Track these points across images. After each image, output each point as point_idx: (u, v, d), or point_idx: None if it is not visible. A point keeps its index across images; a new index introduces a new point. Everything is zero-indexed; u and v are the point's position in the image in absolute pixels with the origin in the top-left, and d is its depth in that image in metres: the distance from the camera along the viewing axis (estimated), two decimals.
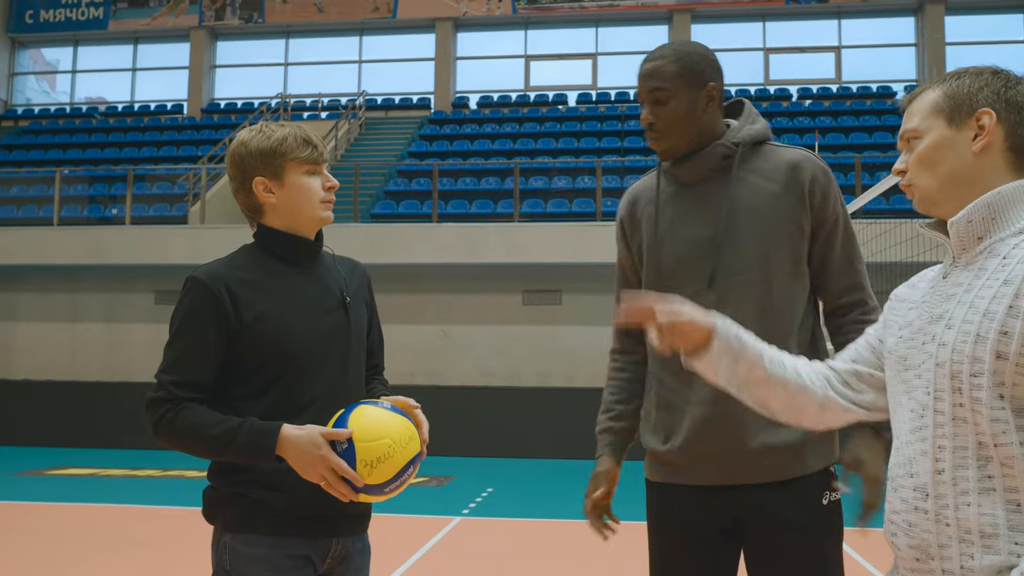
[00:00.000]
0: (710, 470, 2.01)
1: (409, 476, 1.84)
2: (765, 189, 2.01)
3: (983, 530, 1.29)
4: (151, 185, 15.34)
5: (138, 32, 19.89)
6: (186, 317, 1.88)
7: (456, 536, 6.60)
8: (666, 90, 2.00)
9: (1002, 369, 1.29)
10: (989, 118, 1.42)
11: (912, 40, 18.31)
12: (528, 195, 14.13)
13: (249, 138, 1.98)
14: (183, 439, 1.84)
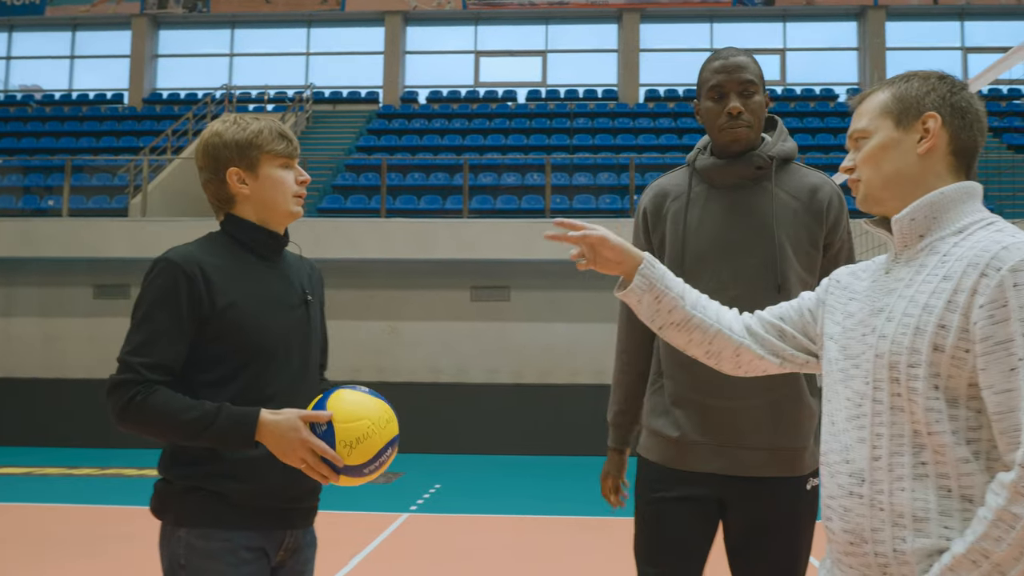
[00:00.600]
0: (712, 460, 2.11)
1: (388, 458, 1.85)
2: (789, 205, 2.14)
3: (916, 514, 1.35)
4: (90, 176, 14.95)
5: (77, 19, 19.35)
6: (159, 298, 1.85)
7: (404, 532, 6.55)
8: (755, 84, 2.13)
9: (939, 361, 1.36)
10: (935, 121, 1.48)
11: (854, 44, 18.71)
12: (477, 191, 14.10)
13: (224, 129, 1.98)
14: (153, 423, 1.80)
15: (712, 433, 2.11)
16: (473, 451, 11.55)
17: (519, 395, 11.83)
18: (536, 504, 7.75)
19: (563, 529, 6.65)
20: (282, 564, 1.97)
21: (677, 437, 2.14)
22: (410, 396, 11.94)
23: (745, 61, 2.14)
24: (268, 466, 1.86)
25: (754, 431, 2.09)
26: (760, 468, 2.09)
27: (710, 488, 2.12)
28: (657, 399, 2.22)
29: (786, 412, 2.09)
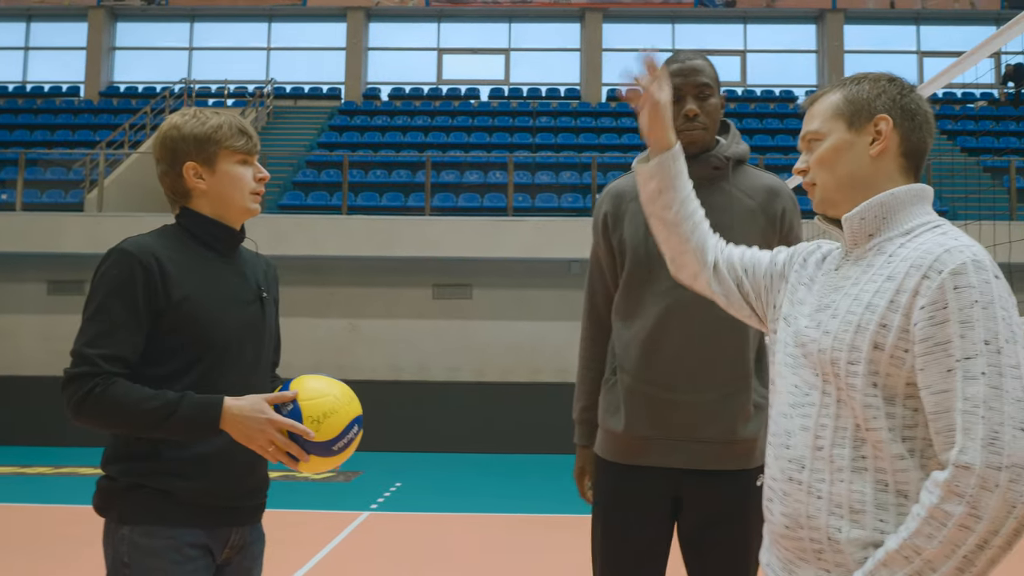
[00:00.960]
0: (667, 455, 2.14)
1: (355, 437, 1.86)
2: (745, 204, 2.19)
3: (852, 506, 1.39)
4: (44, 170, 14.67)
5: (31, 9, 18.96)
6: (115, 288, 1.82)
7: (364, 531, 6.53)
8: (710, 87, 2.18)
9: (878, 359, 1.39)
10: (886, 124, 1.50)
11: (813, 47, 18.97)
12: (439, 189, 14.07)
13: (182, 122, 1.95)
14: (113, 414, 1.77)
15: (666, 427, 2.14)
16: (434, 449, 11.53)
17: (481, 393, 11.84)
18: (498, 502, 7.76)
19: (525, 527, 6.67)
20: (228, 561, 1.96)
21: (629, 432, 2.17)
22: (371, 394, 11.77)
23: (701, 65, 2.18)
24: (212, 463, 1.85)
25: (707, 424, 2.12)
26: (714, 461, 2.13)
27: (665, 483, 2.15)
28: (611, 396, 2.25)
29: (738, 405, 2.13)
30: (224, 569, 1.95)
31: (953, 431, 1.31)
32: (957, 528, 1.27)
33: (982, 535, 1.26)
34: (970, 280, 1.34)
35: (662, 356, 2.14)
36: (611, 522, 2.21)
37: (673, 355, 2.13)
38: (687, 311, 2.13)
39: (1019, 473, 1.26)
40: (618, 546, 2.19)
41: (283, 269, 10.27)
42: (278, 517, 7.12)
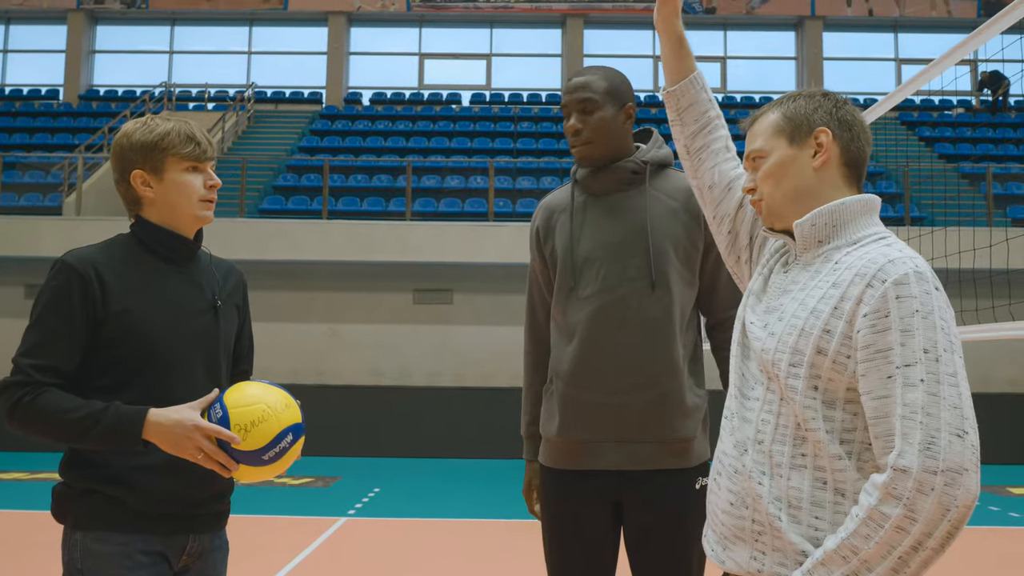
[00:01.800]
0: (604, 457, 2.17)
1: (289, 445, 1.82)
2: (666, 206, 2.23)
3: (791, 500, 1.44)
4: (22, 173, 14.57)
5: (9, 11, 18.83)
6: (52, 300, 1.82)
7: (341, 537, 6.52)
8: (594, 102, 2.22)
9: (820, 364, 1.43)
10: (826, 136, 1.55)
11: (792, 54, 19.12)
12: (420, 194, 14.08)
13: (133, 130, 1.94)
14: (41, 423, 1.77)
15: (600, 430, 2.17)
16: (414, 455, 11.52)
17: (461, 398, 11.84)
18: (478, 508, 7.77)
19: (505, 533, 6.68)
20: (186, 569, 1.94)
21: (564, 437, 2.20)
22: (351, 399, 11.88)
23: (586, 80, 2.24)
24: (164, 470, 1.84)
25: (640, 425, 2.15)
26: (650, 461, 2.15)
27: (605, 486, 2.18)
28: (548, 404, 2.28)
29: (672, 405, 2.16)
30: None
31: (892, 436, 1.36)
32: (894, 529, 1.31)
33: (917, 537, 1.30)
34: (911, 290, 1.39)
35: (592, 360, 2.17)
36: (555, 527, 2.24)
37: (603, 359, 2.16)
38: (614, 315, 2.17)
39: (953, 477, 1.31)
40: (564, 551, 2.22)
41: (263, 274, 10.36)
42: (254, 522, 7.12)
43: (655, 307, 2.16)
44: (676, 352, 2.17)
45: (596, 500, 2.19)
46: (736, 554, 1.51)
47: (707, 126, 1.91)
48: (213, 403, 1.81)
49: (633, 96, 2.29)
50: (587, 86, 2.22)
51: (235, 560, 2.12)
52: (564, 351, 2.21)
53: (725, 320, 2.27)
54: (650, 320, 2.15)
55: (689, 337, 2.24)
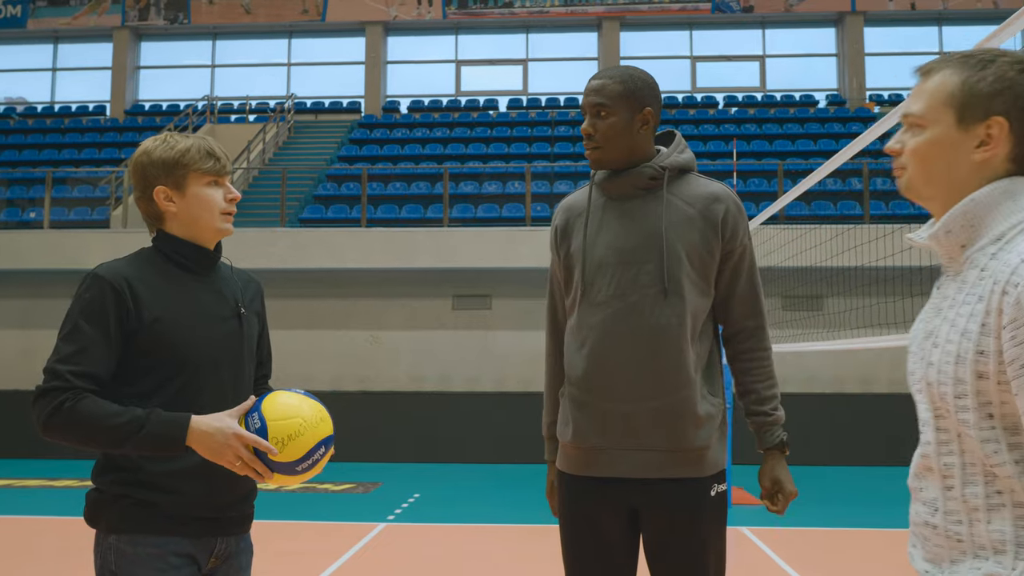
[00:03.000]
0: (615, 464, 2.17)
1: (321, 457, 1.89)
2: (684, 212, 2.19)
3: (995, 546, 1.24)
4: (71, 188, 14.95)
5: (58, 31, 19.35)
6: (87, 310, 1.89)
7: (380, 542, 6.58)
8: (607, 106, 2.19)
9: (985, 389, 1.24)
10: (1000, 129, 1.30)
11: (833, 50, 18.86)
12: (458, 200, 14.15)
13: (152, 147, 2.01)
14: (82, 429, 1.81)
15: (612, 437, 2.16)
16: (454, 460, 11.58)
17: (501, 403, 11.87)
18: (517, 513, 7.78)
19: (544, 537, 6.69)
20: (214, 571, 2.01)
21: (577, 443, 2.20)
22: (392, 405, 11.98)
23: (601, 84, 2.21)
24: (194, 475, 1.91)
25: (652, 433, 2.14)
26: (662, 469, 2.14)
27: (619, 493, 2.17)
28: (563, 409, 2.29)
29: (684, 413, 2.14)
30: None
31: None
32: None
33: None
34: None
35: (604, 366, 2.16)
36: (572, 534, 2.24)
37: (614, 365, 2.16)
38: (627, 321, 2.16)
39: None
40: (580, 556, 2.23)
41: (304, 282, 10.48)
42: (296, 528, 7.23)
43: (667, 314, 2.14)
44: (688, 361, 2.15)
45: (611, 506, 2.18)
46: None
47: None
48: (251, 412, 1.87)
49: (656, 99, 2.24)
50: (601, 90, 2.20)
51: (276, 564, 2.17)
52: (576, 356, 2.21)
53: (742, 331, 2.26)
54: (661, 327, 2.13)
55: (703, 346, 2.21)
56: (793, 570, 5.68)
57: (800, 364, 12.24)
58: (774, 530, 6.99)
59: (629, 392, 2.14)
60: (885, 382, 12.21)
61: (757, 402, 2.24)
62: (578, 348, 2.22)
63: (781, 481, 2.21)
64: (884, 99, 17.91)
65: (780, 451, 2.24)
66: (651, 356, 2.14)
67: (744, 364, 2.26)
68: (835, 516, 7.80)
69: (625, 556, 2.21)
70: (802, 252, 10.56)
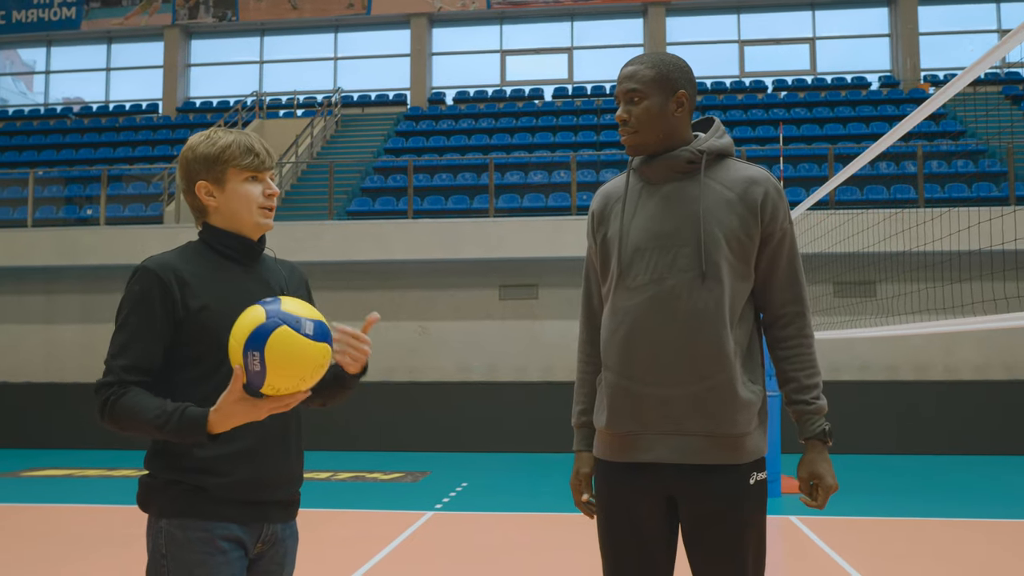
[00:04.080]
0: (652, 449, 2.15)
1: (261, 357, 1.79)
2: (723, 196, 2.17)
3: None
4: (126, 185, 15.29)
5: (111, 32, 19.78)
6: (135, 304, 1.96)
7: (428, 530, 6.63)
8: (640, 91, 2.20)
9: None
10: None
11: (886, 31, 18.44)
12: (504, 190, 14.16)
13: (196, 143, 2.06)
14: (126, 421, 1.91)
15: (648, 422, 2.14)
16: (502, 449, 11.63)
17: (548, 393, 11.87)
18: (564, 502, 7.78)
19: (591, 526, 6.69)
20: (260, 556, 2.06)
21: (612, 428, 2.19)
22: (440, 395, 12.06)
23: (633, 70, 2.21)
24: (239, 462, 1.96)
25: (689, 418, 2.11)
26: (699, 455, 2.11)
27: (656, 479, 2.15)
28: (599, 394, 2.27)
29: (722, 399, 2.11)
30: (256, 563, 2.06)
31: None
32: None
33: None
34: None
35: (639, 351, 2.14)
36: (608, 519, 2.22)
37: (651, 349, 2.13)
38: (665, 305, 2.13)
39: None
40: (617, 543, 2.20)
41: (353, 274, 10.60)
42: (345, 516, 7.32)
43: (705, 299, 2.12)
44: (726, 345, 2.11)
45: (648, 493, 2.16)
46: None
47: None
48: (249, 357, 1.80)
49: (690, 82, 2.22)
50: (633, 76, 2.20)
51: (327, 551, 2.19)
52: (612, 341, 2.20)
53: (782, 317, 2.22)
54: (699, 312, 2.11)
55: (743, 331, 2.18)
56: (843, 560, 5.60)
57: (852, 351, 12.02)
58: (824, 519, 6.89)
59: (667, 377, 2.12)
60: (940, 369, 11.94)
61: (798, 391, 2.20)
62: (614, 333, 2.20)
63: (821, 474, 2.16)
64: (940, 80, 17.45)
65: (822, 442, 2.18)
66: (689, 340, 2.12)
67: (785, 352, 2.22)
68: (888, 506, 7.66)
69: (662, 544, 2.18)
70: (853, 236, 10.36)
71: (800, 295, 2.23)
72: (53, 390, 12.69)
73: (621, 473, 2.20)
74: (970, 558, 5.64)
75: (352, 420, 11.73)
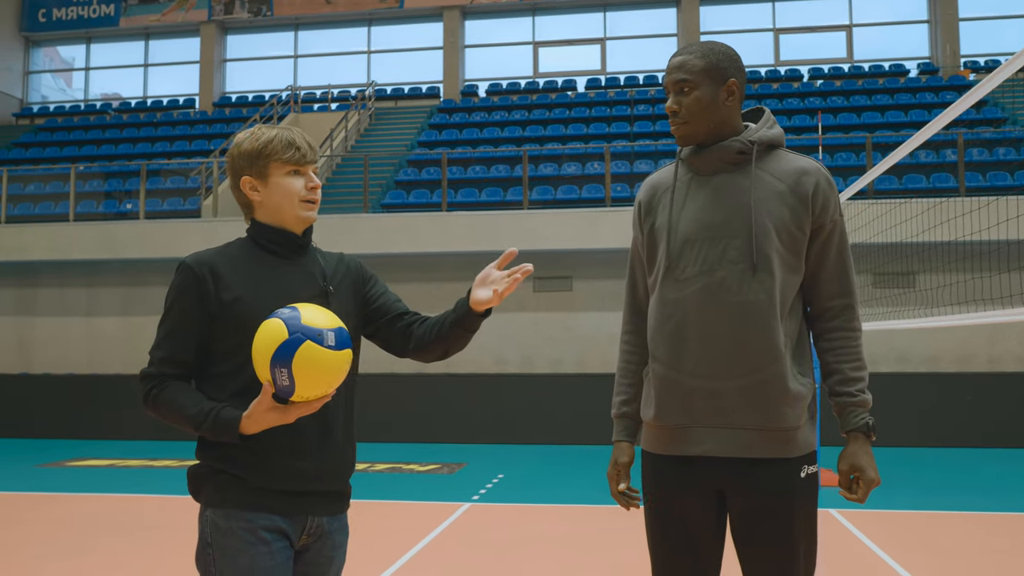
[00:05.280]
0: (699, 442, 2.13)
1: (288, 370, 1.86)
2: (774, 188, 2.15)
3: None
4: (164, 180, 15.49)
5: (149, 28, 20.02)
6: (174, 298, 2.03)
7: (465, 522, 6.67)
8: (690, 81, 2.19)
9: None
10: None
11: (924, 16, 18.13)
12: (538, 182, 14.15)
13: (242, 139, 2.11)
14: (166, 414, 2.01)
15: (697, 415, 2.13)
16: (538, 441, 11.64)
17: (584, 385, 11.87)
18: (601, 494, 7.79)
19: (628, 519, 6.69)
20: (306, 548, 2.07)
21: (661, 421, 2.17)
22: (475, 388, 12.10)
23: (682, 60, 2.20)
24: (279, 453, 1.99)
25: (739, 411, 2.09)
26: (749, 448, 2.10)
27: (706, 472, 2.14)
28: (647, 387, 2.26)
29: (773, 391, 2.09)
30: (303, 555, 2.07)
31: None
32: None
33: None
34: None
35: (690, 343, 2.13)
36: (657, 513, 2.21)
37: (701, 341, 2.12)
38: (715, 297, 2.12)
39: None
40: (665, 537, 2.20)
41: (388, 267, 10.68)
42: (383, 507, 7.38)
43: (756, 290, 2.10)
44: (777, 337, 2.09)
45: (697, 487, 2.15)
46: None
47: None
48: (276, 372, 1.86)
49: (739, 71, 2.21)
50: (682, 66, 2.19)
51: (364, 542, 2.22)
52: (660, 333, 2.18)
53: (828, 310, 2.19)
54: (750, 304, 2.09)
55: (793, 323, 2.16)
56: (884, 552, 5.54)
57: (891, 343, 11.88)
58: (864, 512, 6.82)
59: (717, 369, 2.10)
60: (984, 360, 11.76)
61: (842, 383, 2.16)
62: (663, 325, 2.19)
63: (863, 467, 2.12)
64: (980, 66, 17.13)
65: (865, 435, 2.14)
66: (739, 332, 2.10)
67: (830, 343, 2.18)
68: (927, 499, 7.57)
69: (711, 537, 2.17)
70: (893, 227, 10.22)
71: (849, 287, 2.20)
72: (95, 382, 12.92)
73: (670, 466, 2.18)
74: (1019, 554, 5.56)
75: (388, 412, 11.81)
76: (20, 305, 14.07)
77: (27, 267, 13.77)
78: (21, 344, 14.00)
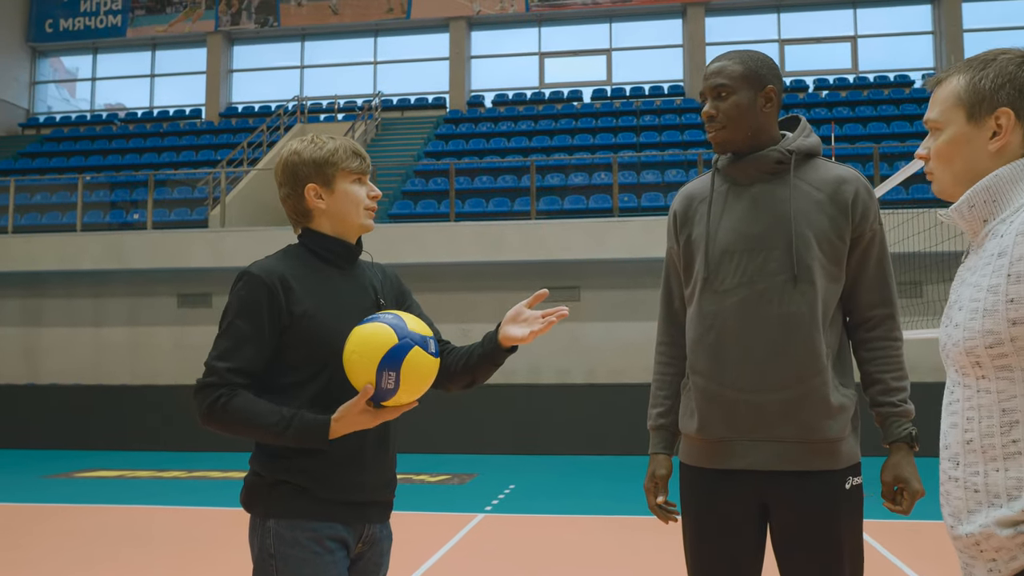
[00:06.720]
0: (745, 456, 2.11)
1: (396, 375, 1.94)
2: (812, 197, 2.14)
3: (1009, 492, 1.34)
4: (171, 190, 15.51)
5: (156, 38, 20.09)
6: (242, 308, 2.00)
7: (479, 533, 6.64)
8: (728, 87, 2.17)
9: (1022, 334, 1.32)
10: (1007, 118, 1.41)
11: (929, 28, 18.18)
12: (545, 192, 14.16)
13: (302, 148, 2.12)
14: (236, 424, 1.96)
15: (741, 428, 2.11)
16: (547, 452, 11.61)
17: (592, 395, 11.85)
18: (611, 504, 7.76)
19: (638, 529, 6.66)
20: (360, 556, 2.10)
21: (704, 435, 2.15)
22: (483, 398, 12.06)
23: (721, 66, 2.19)
24: (344, 465, 2.01)
25: (782, 424, 2.07)
26: (793, 461, 2.08)
27: (748, 486, 2.11)
28: (686, 399, 2.24)
29: (816, 403, 2.07)
30: (356, 563, 2.10)
31: None
32: None
33: None
34: None
35: (732, 355, 2.11)
36: (698, 527, 2.19)
37: (743, 354, 2.10)
38: (755, 309, 2.10)
39: None
40: (706, 551, 2.17)
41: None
42: (395, 519, 7.31)
43: (797, 302, 2.08)
44: (819, 349, 2.08)
45: (740, 501, 2.13)
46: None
47: None
48: (384, 375, 1.92)
49: (777, 78, 2.19)
50: (720, 72, 2.17)
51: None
52: (701, 346, 2.16)
53: (868, 320, 2.17)
54: (792, 315, 2.07)
55: (834, 334, 2.14)
56: (902, 562, 5.52)
57: None
58: (882, 523, 6.80)
59: (759, 382, 2.08)
60: None
61: (884, 392, 2.15)
62: (703, 336, 2.17)
63: (907, 478, 2.10)
64: None
65: (908, 446, 2.13)
66: (781, 345, 2.08)
67: (871, 353, 2.17)
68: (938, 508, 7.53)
69: (751, 551, 2.15)
70: (904, 239, 10.23)
71: (890, 297, 2.18)
72: (102, 392, 12.89)
73: (712, 480, 2.16)
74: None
75: (396, 422, 11.77)
76: (27, 315, 14.06)
77: (34, 277, 13.77)
78: (28, 354, 13.98)
